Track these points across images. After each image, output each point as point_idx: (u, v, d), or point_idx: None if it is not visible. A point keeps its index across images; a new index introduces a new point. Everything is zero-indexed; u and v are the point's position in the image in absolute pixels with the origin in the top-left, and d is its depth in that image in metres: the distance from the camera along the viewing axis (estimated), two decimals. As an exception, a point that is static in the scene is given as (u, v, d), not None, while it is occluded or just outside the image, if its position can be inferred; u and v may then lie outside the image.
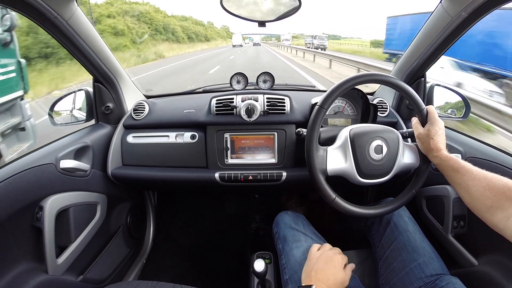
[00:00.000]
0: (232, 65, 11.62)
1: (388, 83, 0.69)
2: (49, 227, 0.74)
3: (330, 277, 0.58)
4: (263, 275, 0.68)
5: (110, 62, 0.97)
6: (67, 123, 1.02)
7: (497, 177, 0.54)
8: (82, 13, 0.80)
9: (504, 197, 0.51)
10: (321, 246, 0.68)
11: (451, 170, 0.60)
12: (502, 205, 0.51)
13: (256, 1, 0.74)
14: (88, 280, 0.89)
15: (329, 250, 0.65)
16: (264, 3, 0.75)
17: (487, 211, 0.53)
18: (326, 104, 0.68)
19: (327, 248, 0.66)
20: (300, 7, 0.72)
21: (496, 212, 0.51)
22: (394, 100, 1.10)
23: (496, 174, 0.55)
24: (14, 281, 0.66)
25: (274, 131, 0.95)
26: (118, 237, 1.09)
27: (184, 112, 1.02)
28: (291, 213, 0.87)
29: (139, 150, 1.00)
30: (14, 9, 0.68)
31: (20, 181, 0.69)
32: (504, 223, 0.50)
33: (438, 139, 0.64)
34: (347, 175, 0.70)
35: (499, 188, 0.52)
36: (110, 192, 1.01)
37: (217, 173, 0.92)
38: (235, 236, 1.44)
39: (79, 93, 1.03)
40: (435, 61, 0.92)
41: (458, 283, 0.62)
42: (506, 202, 0.50)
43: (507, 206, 0.50)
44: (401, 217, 0.78)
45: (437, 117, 0.67)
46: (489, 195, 0.53)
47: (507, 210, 0.50)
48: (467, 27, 0.77)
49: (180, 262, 1.32)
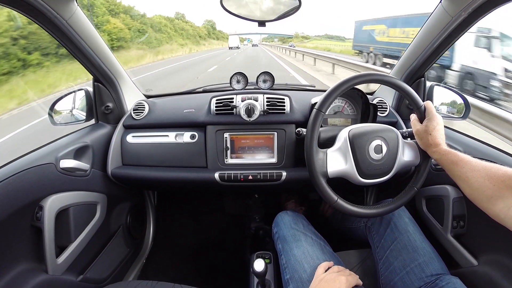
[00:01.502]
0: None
1: (386, 82, 0.69)
2: (49, 227, 0.74)
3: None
4: (263, 275, 0.68)
5: (110, 62, 0.97)
6: (67, 123, 1.02)
7: (496, 166, 0.54)
8: (82, 13, 0.80)
9: (504, 186, 0.50)
10: (330, 268, 0.65)
11: (451, 163, 0.60)
12: (503, 194, 0.50)
13: (256, 0, 0.74)
14: (88, 279, 0.88)
15: (334, 272, 0.63)
16: (264, 2, 0.75)
17: (487, 201, 0.53)
18: (324, 107, 0.68)
19: (335, 270, 0.64)
20: (300, 6, 0.72)
21: (497, 201, 0.51)
22: (394, 100, 1.10)
23: (495, 164, 0.54)
24: (14, 281, 0.66)
25: (274, 131, 0.95)
26: (118, 237, 1.09)
27: (184, 112, 1.02)
28: (291, 213, 0.87)
29: (139, 150, 1.00)
30: (14, 8, 0.68)
31: (20, 181, 0.69)
32: (505, 213, 0.49)
33: (436, 134, 0.64)
34: (348, 176, 0.70)
35: (498, 177, 0.51)
36: (110, 192, 1.01)
37: (217, 173, 0.92)
38: (235, 236, 1.44)
39: (79, 92, 1.03)
40: (435, 61, 0.92)
41: (458, 283, 0.62)
42: (506, 191, 0.50)
43: (507, 195, 0.49)
44: (401, 217, 0.78)
45: (435, 113, 0.66)
46: (489, 185, 0.52)
47: (508, 199, 0.49)
48: (467, 27, 0.77)
49: (180, 262, 1.32)
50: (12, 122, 4.90)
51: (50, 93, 6.85)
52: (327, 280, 0.60)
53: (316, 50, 20.50)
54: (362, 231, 0.87)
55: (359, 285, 0.65)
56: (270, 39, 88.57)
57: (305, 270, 0.68)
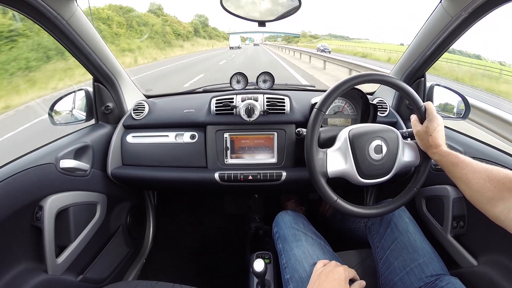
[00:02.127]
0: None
1: (386, 82, 0.69)
2: (49, 227, 0.74)
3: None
4: (262, 275, 0.68)
5: (110, 62, 0.97)
6: (67, 123, 1.02)
7: (496, 168, 0.54)
8: (82, 13, 0.80)
9: (504, 188, 0.50)
10: (328, 263, 0.66)
11: (451, 165, 0.60)
12: (503, 196, 0.50)
13: (256, 0, 0.74)
14: (88, 279, 0.88)
15: (332, 265, 0.64)
16: (264, 2, 0.75)
17: (488, 203, 0.53)
18: (324, 107, 0.67)
19: (332, 264, 0.64)
20: (300, 6, 0.72)
21: (497, 203, 0.51)
22: (394, 100, 1.10)
23: (496, 166, 0.55)
24: (14, 281, 0.66)
25: (274, 131, 0.95)
26: (118, 237, 1.09)
27: (184, 112, 1.02)
28: (291, 213, 0.87)
29: (139, 150, 1.00)
30: (14, 9, 0.68)
31: (20, 181, 0.69)
32: (505, 215, 0.50)
33: (437, 135, 0.64)
34: (347, 176, 0.70)
35: (499, 179, 0.52)
36: (110, 192, 1.01)
37: (217, 173, 0.92)
38: (234, 236, 1.44)
39: (79, 92, 1.03)
40: (435, 61, 0.92)
41: (458, 283, 0.62)
42: (507, 193, 0.50)
43: (507, 197, 0.50)
44: (401, 217, 0.78)
45: (436, 114, 0.67)
46: (489, 186, 0.52)
47: (508, 201, 0.49)
48: (467, 27, 0.77)
49: (180, 262, 1.32)
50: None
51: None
52: (326, 273, 0.61)
53: (354, 58, 16.20)
54: (362, 231, 0.87)
55: (356, 279, 0.65)
56: (273, 39, 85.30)
57: (305, 270, 0.68)
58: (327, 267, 0.63)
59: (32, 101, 5.93)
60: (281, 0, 0.75)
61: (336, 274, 0.60)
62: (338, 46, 34.21)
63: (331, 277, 0.59)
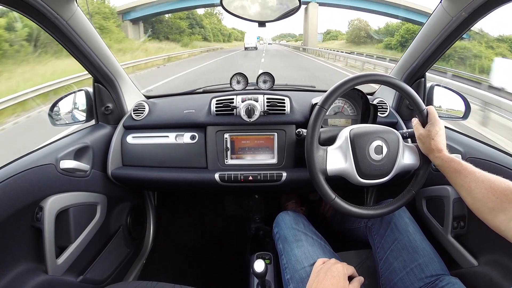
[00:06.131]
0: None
1: (388, 83, 0.69)
2: (49, 228, 0.74)
3: (329, 287, 0.57)
4: (263, 276, 0.68)
5: (110, 62, 0.97)
6: (67, 124, 1.02)
7: (499, 179, 0.54)
8: (82, 13, 0.80)
9: (506, 200, 0.51)
10: (327, 261, 0.66)
11: (453, 171, 0.60)
12: (505, 207, 0.51)
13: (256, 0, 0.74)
14: (88, 280, 0.88)
15: (331, 263, 0.64)
16: (264, 3, 0.75)
17: (489, 213, 0.53)
18: (326, 104, 0.68)
19: (332, 262, 0.64)
20: (300, 7, 0.72)
21: (499, 214, 0.51)
22: (394, 100, 1.10)
23: (498, 176, 0.55)
24: (14, 281, 0.65)
25: (274, 131, 0.95)
26: (118, 237, 1.09)
27: (184, 113, 1.02)
28: (292, 213, 0.87)
29: (139, 151, 1.00)
30: (14, 9, 0.68)
31: (20, 182, 0.69)
32: (506, 225, 0.50)
33: (439, 140, 0.64)
34: (347, 175, 0.70)
35: (501, 191, 0.52)
36: (110, 193, 1.01)
37: (217, 174, 0.92)
38: (235, 237, 1.44)
39: (79, 93, 1.03)
40: (435, 61, 0.92)
41: (458, 284, 0.62)
42: (508, 204, 0.50)
43: (509, 209, 0.50)
44: (401, 217, 0.78)
45: (438, 118, 0.67)
46: (491, 197, 0.53)
47: (509, 212, 0.50)
48: (467, 27, 0.77)
49: (180, 263, 1.32)
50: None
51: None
52: (325, 270, 0.61)
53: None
54: (363, 231, 0.87)
55: (355, 276, 0.65)
56: (280, 39, 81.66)
57: (305, 270, 0.68)
58: (326, 264, 0.63)
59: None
60: (281, 0, 0.75)
61: (335, 271, 0.60)
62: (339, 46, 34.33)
63: (330, 274, 0.59)
